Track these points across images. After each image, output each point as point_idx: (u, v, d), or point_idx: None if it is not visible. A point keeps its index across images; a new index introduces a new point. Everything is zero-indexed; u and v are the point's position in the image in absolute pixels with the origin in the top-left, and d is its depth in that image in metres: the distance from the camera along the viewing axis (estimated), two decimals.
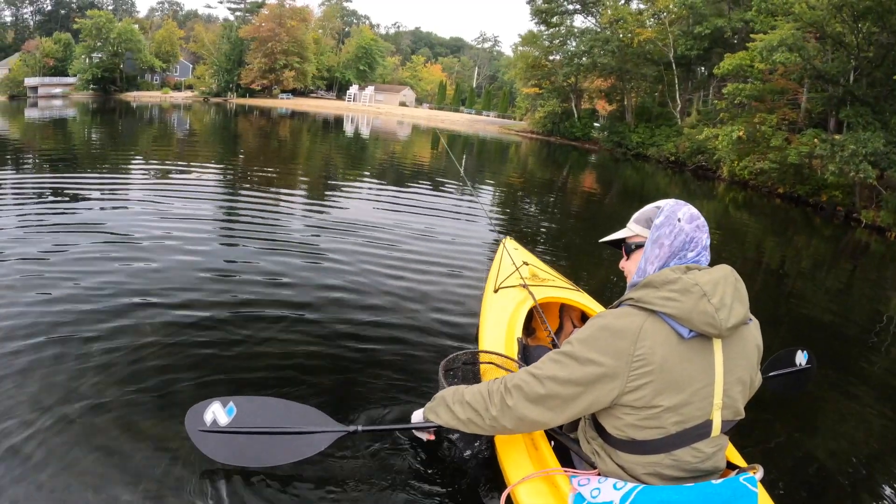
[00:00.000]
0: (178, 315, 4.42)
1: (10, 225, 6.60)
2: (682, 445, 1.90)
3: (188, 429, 2.46)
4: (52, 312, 4.21)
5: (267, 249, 6.57)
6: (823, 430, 4.03)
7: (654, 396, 1.84)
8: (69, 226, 6.84)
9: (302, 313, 4.76)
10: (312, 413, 2.57)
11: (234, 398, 2.53)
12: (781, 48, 20.57)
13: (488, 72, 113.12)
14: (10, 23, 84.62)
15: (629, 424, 1.92)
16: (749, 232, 14.38)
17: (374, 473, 2.80)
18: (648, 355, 1.82)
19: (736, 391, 1.93)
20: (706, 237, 2.02)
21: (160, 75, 76.81)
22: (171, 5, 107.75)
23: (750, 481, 1.84)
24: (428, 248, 7.42)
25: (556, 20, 48.54)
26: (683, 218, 2.01)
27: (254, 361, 3.84)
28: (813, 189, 21.70)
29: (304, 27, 75.43)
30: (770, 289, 8.46)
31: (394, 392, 3.60)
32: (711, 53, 37.03)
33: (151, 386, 3.36)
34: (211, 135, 27.85)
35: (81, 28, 65.63)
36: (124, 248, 6.15)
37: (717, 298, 1.82)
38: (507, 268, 4.33)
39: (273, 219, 8.46)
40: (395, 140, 32.82)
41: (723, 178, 27.36)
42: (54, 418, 2.95)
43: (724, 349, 1.89)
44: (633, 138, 40.50)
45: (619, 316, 1.92)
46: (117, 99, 62.79)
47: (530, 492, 2.22)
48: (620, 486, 1.91)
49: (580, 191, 18.68)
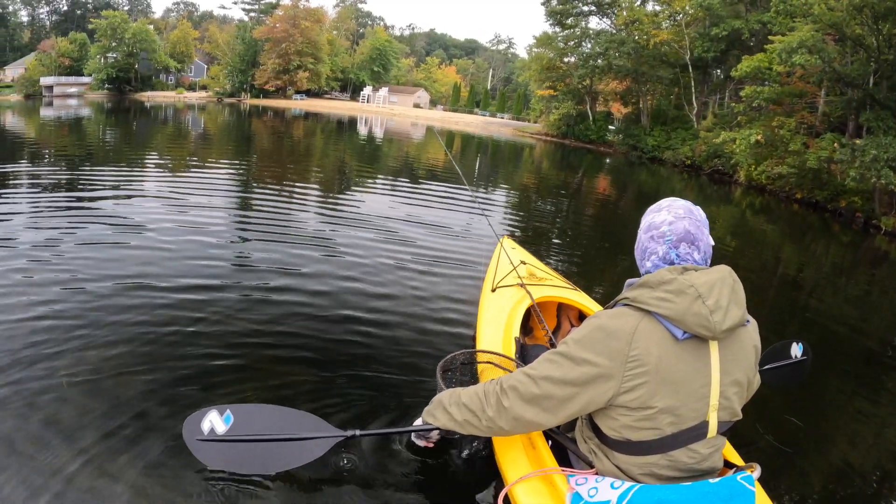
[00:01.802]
0: (173, 320, 4.39)
1: (23, 224, 6.78)
2: (678, 446, 1.90)
3: (186, 438, 2.42)
4: (52, 312, 4.26)
5: (262, 253, 6.57)
6: (822, 430, 4.03)
7: (650, 397, 1.84)
8: (82, 219, 7.22)
9: (297, 317, 4.73)
10: (309, 419, 2.57)
11: (231, 406, 2.49)
12: (801, 50, 20.19)
13: (503, 74, 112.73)
14: (26, 23, 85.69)
15: (624, 425, 1.92)
16: (766, 238, 14.25)
17: (373, 477, 2.81)
18: (643, 356, 1.82)
19: (732, 392, 1.92)
20: (706, 234, 2.00)
21: (175, 75, 77.23)
22: (187, 6, 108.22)
23: (747, 480, 1.85)
24: (427, 248, 7.42)
25: (571, 21, 48.09)
26: (642, 227, 2.07)
27: (249, 367, 3.82)
28: (831, 194, 21.27)
29: (319, 28, 75.52)
30: (787, 296, 8.41)
31: (391, 395, 3.61)
32: (728, 56, 36.63)
33: (147, 394, 3.34)
34: (225, 135, 28.15)
35: (97, 28, 66.24)
36: (128, 244, 6.32)
37: (712, 300, 1.80)
38: (505, 267, 4.33)
39: (274, 220, 8.47)
40: (407, 141, 32.73)
41: (740, 183, 26.91)
42: (49, 426, 2.93)
43: (721, 351, 1.89)
44: (649, 141, 40.03)
45: (614, 316, 1.92)
46: (132, 99, 63.19)
47: (528, 491, 2.24)
48: (618, 485, 1.91)
49: (593, 195, 18.49)
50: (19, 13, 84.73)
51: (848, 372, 5.32)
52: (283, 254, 6.53)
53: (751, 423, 3.60)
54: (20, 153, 14.50)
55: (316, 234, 7.69)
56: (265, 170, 15.23)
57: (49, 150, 15.72)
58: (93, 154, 15.24)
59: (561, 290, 4.13)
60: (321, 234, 7.72)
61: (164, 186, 10.55)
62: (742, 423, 2.07)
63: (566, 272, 6.64)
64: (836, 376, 5.05)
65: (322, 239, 7.40)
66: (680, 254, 1.97)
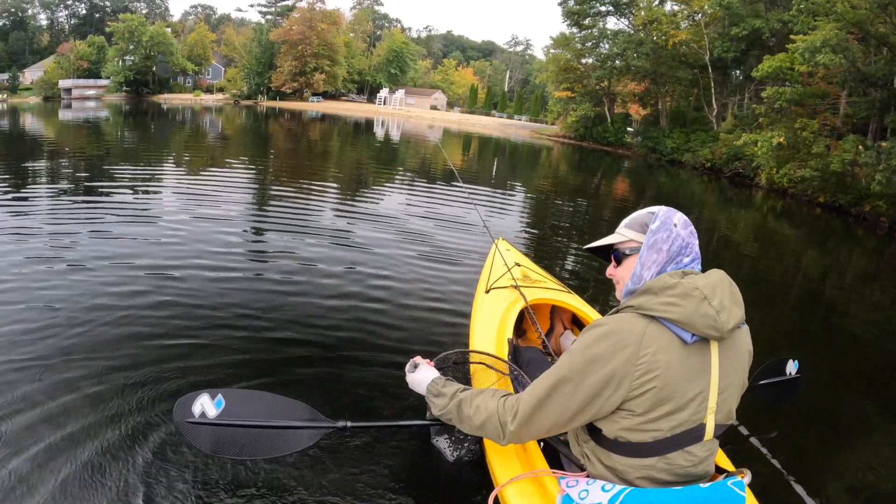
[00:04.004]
0: (170, 305, 4.64)
1: (39, 218, 7.36)
2: (676, 449, 1.88)
3: (176, 420, 2.43)
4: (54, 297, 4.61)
5: (263, 245, 6.96)
6: (813, 436, 4.07)
7: (656, 402, 1.82)
8: (97, 212, 7.78)
9: (293, 308, 4.91)
10: (301, 407, 2.57)
11: (223, 390, 2.51)
12: (825, 49, 19.74)
13: (520, 76, 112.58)
14: (45, 26, 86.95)
15: (626, 428, 1.89)
16: (788, 243, 14.02)
17: (362, 470, 2.85)
18: (652, 362, 1.80)
19: (729, 394, 1.93)
20: (697, 243, 2.02)
21: (192, 78, 77.81)
22: (205, 9, 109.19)
23: (738, 485, 1.85)
24: (425, 248, 7.56)
25: (588, 22, 47.74)
26: (679, 223, 2.00)
27: (243, 354, 3.94)
28: (855, 198, 20.71)
29: (335, 30, 75.88)
30: (810, 302, 8.29)
31: (383, 389, 3.68)
32: (748, 56, 36.06)
33: (142, 375, 3.48)
34: (241, 136, 28.77)
35: (114, 31, 66.84)
36: (132, 235, 6.77)
37: (717, 301, 1.81)
38: (499, 269, 4.33)
39: (278, 217, 8.76)
40: (423, 144, 32.62)
41: (760, 186, 26.39)
42: (41, 406, 3.07)
43: (721, 353, 1.89)
44: (668, 144, 39.51)
45: (621, 322, 1.88)
46: (149, 101, 63.99)
47: (518, 493, 2.24)
48: (609, 488, 1.91)
49: (611, 199, 18.20)
50: (38, 17, 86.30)
51: (871, 381, 5.31)
52: (282, 248, 6.83)
53: (742, 429, 3.63)
54: (41, 153, 15.50)
55: (317, 231, 7.87)
56: (274, 169, 15.60)
57: (69, 151, 16.56)
58: (111, 154, 16.10)
59: (554, 293, 4.11)
60: (322, 231, 7.91)
61: (179, 182, 11.41)
62: (733, 429, 2.11)
63: (560, 275, 6.83)
64: (852, 385, 5.07)
65: (321, 236, 7.59)
66: (679, 264, 1.97)
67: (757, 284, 8.42)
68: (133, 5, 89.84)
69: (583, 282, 7.13)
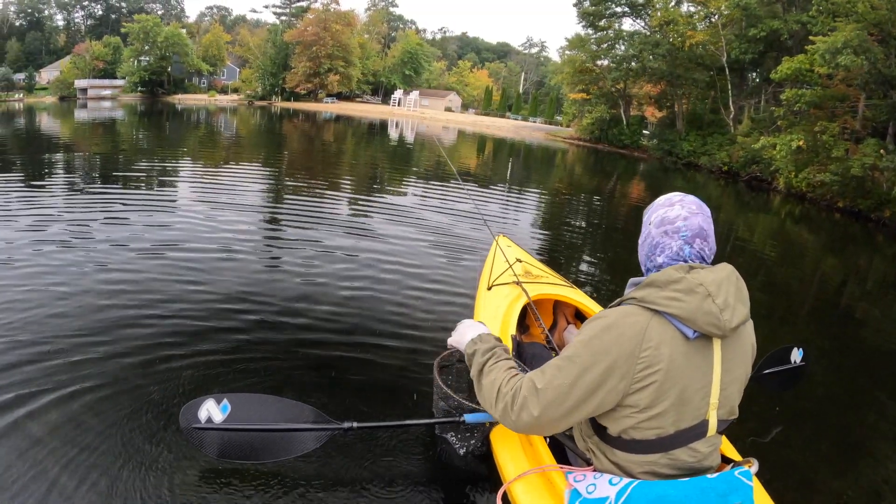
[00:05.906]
0: (175, 311, 4.61)
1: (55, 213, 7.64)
2: (680, 445, 1.88)
3: (183, 426, 2.46)
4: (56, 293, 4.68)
5: (264, 250, 6.89)
6: (818, 424, 4.08)
7: (658, 397, 1.81)
8: (110, 211, 7.98)
9: (296, 310, 4.91)
10: (306, 410, 2.60)
11: (228, 395, 2.52)
12: (846, 50, 19.41)
13: (535, 77, 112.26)
14: (62, 27, 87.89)
15: (629, 424, 1.88)
16: (807, 248, 13.87)
17: (370, 470, 2.85)
18: (654, 356, 1.79)
19: (732, 390, 1.93)
20: (681, 243, 1.94)
21: (207, 78, 78.18)
22: (220, 10, 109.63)
23: (745, 475, 1.86)
24: (426, 247, 7.65)
25: (604, 23, 47.31)
26: (654, 222, 2.01)
27: (248, 358, 3.92)
28: (875, 203, 20.23)
29: (350, 31, 75.96)
30: (829, 310, 8.15)
31: (388, 389, 3.70)
32: (766, 58, 35.55)
33: (147, 380, 3.46)
34: (256, 137, 29.11)
35: (129, 32, 67.29)
36: (140, 235, 6.91)
37: (721, 299, 1.79)
38: (501, 265, 4.35)
39: (286, 216, 8.97)
40: (437, 146, 32.43)
41: (778, 190, 25.95)
42: (48, 410, 3.06)
43: (723, 349, 1.87)
44: (684, 146, 39.05)
45: (623, 315, 1.86)
46: (164, 101, 64.34)
47: (526, 488, 2.26)
48: (616, 481, 1.90)
49: (626, 201, 18.00)
50: (55, 17, 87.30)
51: (880, 381, 5.28)
52: (285, 253, 6.87)
53: (748, 418, 3.54)
54: (59, 151, 16.03)
55: (322, 237, 7.81)
56: (284, 168, 15.76)
57: (86, 149, 17.09)
58: (128, 152, 16.53)
59: (557, 288, 4.13)
60: (326, 237, 7.84)
61: (194, 181, 11.65)
62: (739, 419, 2.04)
63: (564, 271, 6.84)
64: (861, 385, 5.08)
65: (326, 242, 7.52)
66: (693, 249, 1.93)
67: (774, 290, 8.26)
68: (149, 6, 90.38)
69: (585, 276, 7.24)
